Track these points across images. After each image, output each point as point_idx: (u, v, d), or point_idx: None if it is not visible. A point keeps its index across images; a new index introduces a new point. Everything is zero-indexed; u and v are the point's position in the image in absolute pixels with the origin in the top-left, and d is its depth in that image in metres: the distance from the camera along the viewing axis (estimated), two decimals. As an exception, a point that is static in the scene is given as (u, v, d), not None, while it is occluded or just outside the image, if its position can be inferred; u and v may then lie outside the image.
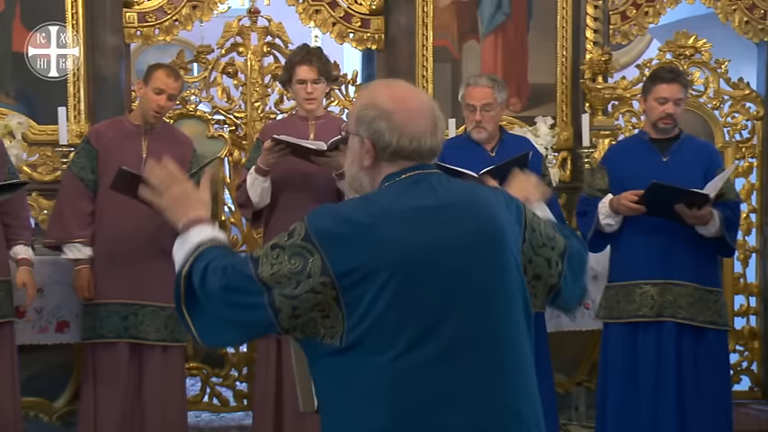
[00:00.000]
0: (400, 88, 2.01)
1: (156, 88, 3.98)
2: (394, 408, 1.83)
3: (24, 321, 4.11)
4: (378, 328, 1.84)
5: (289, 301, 1.85)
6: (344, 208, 1.97)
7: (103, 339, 3.96)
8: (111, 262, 3.96)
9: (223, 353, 5.02)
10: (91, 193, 3.99)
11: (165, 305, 4.00)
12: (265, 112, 5.03)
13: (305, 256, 1.85)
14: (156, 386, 4.00)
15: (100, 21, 4.71)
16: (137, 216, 3.88)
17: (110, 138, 4.01)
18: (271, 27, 5.00)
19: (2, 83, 4.58)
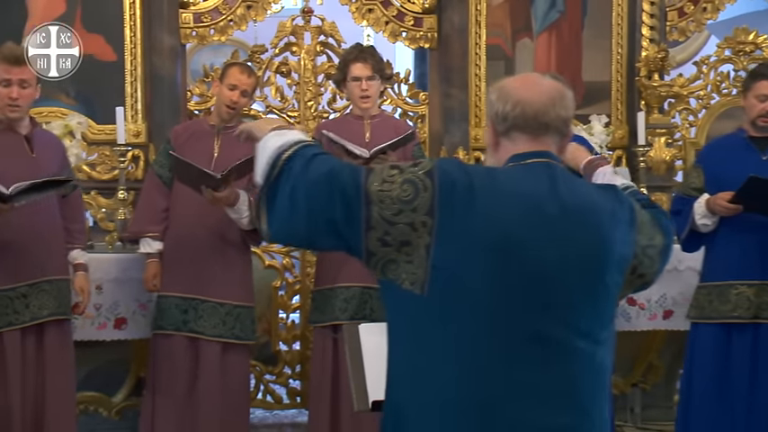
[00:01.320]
0: (525, 75, 2.09)
1: (230, 84, 4.05)
2: (461, 372, 1.81)
3: (83, 318, 4.17)
4: (459, 291, 1.81)
5: (384, 223, 1.82)
6: (472, 167, 1.98)
7: (162, 331, 4.04)
8: (176, 256, 4.04)
9: (276, 350, 5.06)
10: (168, 190, 4.09)
11: (223, 302, 4.07)
12: (318, 111, 5.07)
13: (418, 188, 1.83)
14: (212, 382, 4.04)
15: (157, 22, 4.78)
16: (205, 211, 3.96)
17: (186, 137, 4.11)
18: (324, 26, 5.03)
19: (63, 83, 4.65)
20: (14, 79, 3.67)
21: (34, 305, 3.74)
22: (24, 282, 3.72)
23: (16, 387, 3.70)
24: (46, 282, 3.77)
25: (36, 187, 3.55)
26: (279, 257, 5.11)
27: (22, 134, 3.78)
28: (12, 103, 3.68)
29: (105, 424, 4.52)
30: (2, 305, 3.68)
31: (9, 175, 3.56)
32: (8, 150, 3.73)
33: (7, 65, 3.67)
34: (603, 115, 4.97)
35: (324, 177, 1.86)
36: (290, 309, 5.13)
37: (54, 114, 4.63)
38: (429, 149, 4.94)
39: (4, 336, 3.70)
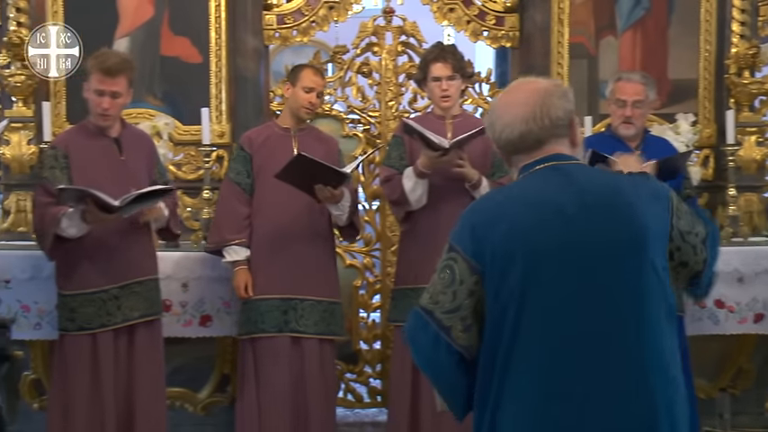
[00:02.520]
0: (513, 84, 2.10)
1: (306, 87, 4.11)
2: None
3: (170, 315, 4.28)
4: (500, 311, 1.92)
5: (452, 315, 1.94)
6: (473, 204, 2.07)
7: (264, 334, 4.07)
8: (270, 259, 4.08)
9: (357, 349, 5.10)
10: (248, 197, 4.12)
11: (321, 299, 4.13)
12: (399, 110, 5.08)
13: (450, 264, 1.95)
14: (315, 378, 4.11)
15: (241, 24, 4.86)
16: (294, 211, 4.03)
17: (261, 142, 4.15)
18: (405, 26, 5.05)
19: (150, 85, 4.78)
20: (107, 90, 3.78)
21: (126, 306, 3.85)
22: (116, 284, 3.83)
23: (109, 385, 3.82)
24: (136, 283, 3.89)
25: (142, 197, 3.66)
26: (360, 257, 5.15)
27: (112, 137, 3.90)
28: (103, 112, 3.80)
29: (191, 419, 4.60)
30: (95, 307, 3.80)
31: (99, 180, 3.68)
32: (98, 155, 3.85)
33: (102, 75, 3.78)
34: (690, 114, 4.86)
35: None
36: (371, 308, 5.17)
37: (142, 115, 4.74)
38: (510, 149, 4.90)
39: (98, 336, 3.82)
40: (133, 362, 3.90)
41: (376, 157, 5.09)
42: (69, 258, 3.80)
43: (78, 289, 3.82)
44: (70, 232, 3.69)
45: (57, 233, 3.69)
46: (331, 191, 3.92)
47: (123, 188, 3.67)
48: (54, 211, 3.69)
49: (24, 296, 4.14)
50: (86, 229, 3.70)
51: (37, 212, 3.82)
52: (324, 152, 4.15)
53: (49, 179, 3.77)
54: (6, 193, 4.56)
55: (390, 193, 4.22)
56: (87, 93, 3.84)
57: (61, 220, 3.67)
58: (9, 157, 4.59)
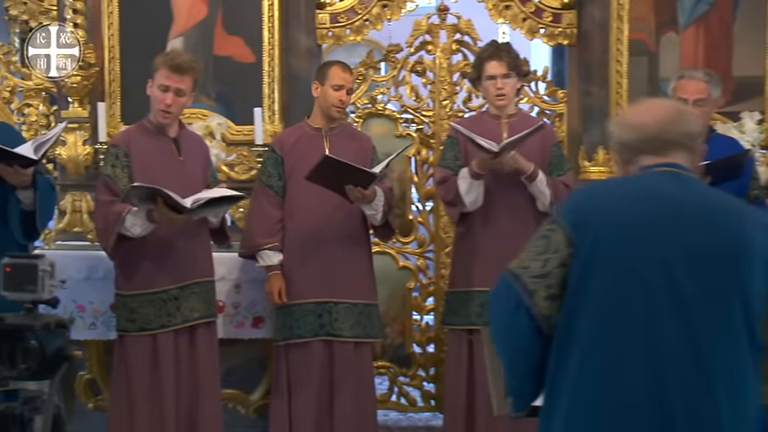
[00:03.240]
0: (646, 100, 2.21)
1: (335, 85, 4.08)
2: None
3: (223, 316, 4.30)
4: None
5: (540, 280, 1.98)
6: (584, 185, 2.24)
7: (301, 339, 4.05)
8: (304, 263, 4.06)
9: (410, 352, 5.08)
10: (280, 200, 4.10)
11: (357, 301, 4.11)
12: (453, 110, 5.05)
13: (547, 234, 2.03)
14: (348, 382, 4.09)
15: (294, 23, 4.86)
16: (326, 213, 4.02)
17: (293, 143, 4.13)
18: (459, 24, 5.01)
19: (204, 85, 4.78)
20: (172, 87, 3.80)
21: (185, 307, 3.88)
22: (176, 284, 3.86)
23: (170, 386, 3.86)
24: (195, 284, 3.91)
25: (213, 201, 3.68)
26: (413, 258, 5.13)
27: (171, 137, 3.94)
28: (165, 109, 3.83)
29: (243, 421, 4.62)
30: (155, 307, 3.83)
31: (159, 179, 3.69)
32: (158, 154, 3.88)
33: (169, 71, 3.81)
34: (756, 112, 4.75)
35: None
36: (424, 310, 5.14)
37: (195, 115, 4.76)
38: (567, 149, 4.84)
39: (158, 337, 3.85)
40: (193, 363, 3.93)
41: (430, 157, 5.06)
42: (129, 258, 3.83)
43: (138, 289, 3.85)
44: (135, 231, 3.72)
45: (120, 232, 3.72)
46: (361, 191, 3.90)
47: (182, 189, 3.68)
48: (118, 209, 3.72)
49: (80, 296, 4.21)
50: (151, 228, 3.72)
51: (99, 211, 3.85)
52: (355, 151, 4.13)
53: (111, 177, 3.81)
54: (62, 194, 4.62)
55: (445, 194, 4.19)
56: (151, 89, 3.88)
57: (125, 219, 3.69)
58: (65, 157, 4.65)
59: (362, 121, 5.04)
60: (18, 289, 2.27)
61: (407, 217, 5.11)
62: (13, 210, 3.66)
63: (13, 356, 2.23)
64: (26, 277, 2.27)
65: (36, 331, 2.22)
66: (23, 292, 2.27)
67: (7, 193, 3.64)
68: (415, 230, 5.12)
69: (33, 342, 2.22)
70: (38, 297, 2.27)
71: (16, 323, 2.23)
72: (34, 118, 4.87)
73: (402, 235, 5.09)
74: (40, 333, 2.22)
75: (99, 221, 3.87)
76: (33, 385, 2.23)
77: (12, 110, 4.88)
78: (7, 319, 2.24)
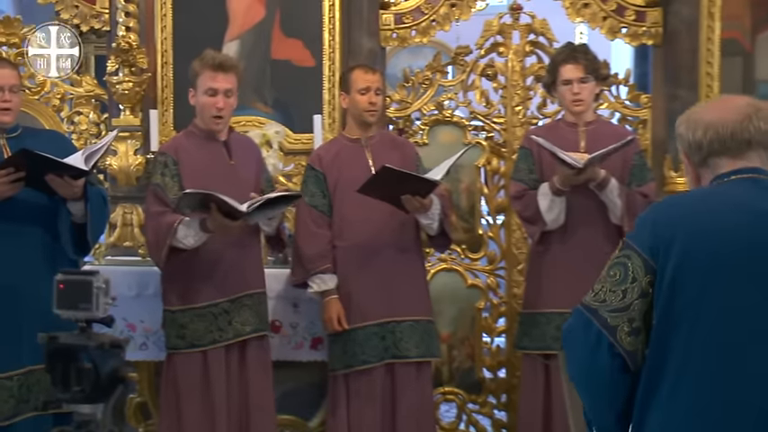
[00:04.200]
0: (715, 97, 2.13)
1: (361, 89, 4.07)
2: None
3: (280, 336, 4.32)
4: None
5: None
6: (655, 203, 2.14)
7: (367, 365, 4.03)
8: (360, 282, 4.05)
9: (480, 377, 5.06)
10: (327, 218, 4.09)
11: (419, 318, 4.11)
12: (527, 117, 5.01)
13: (623, 262, 1.98)
14: (412, 403, 4.09)
15: (356, 24, 4.88)
16: (378, 227, 4.02)
17: (332, 158, 4.13)
18: (534, 24, 4.98)
19: (260, 91, 4.84)
20: (220, 88, 3.86)
21: (237, 321, 3.91)
22: (226, 297, 3.89)
23: (222, 405, 3.88)
24: (247, 296, 3.94)
25: (269, 203, 3.71)
26: (483, 276, 5.10)
27: (221, 141, 3.99)
28: (217, 113, 3.89)
29: (300, 449, 4.63)
30: (206, 322, 3.87)
31: (211, 186, 3.72)
32: (208, 160, 3.92)
33: (213, 72, 3.86)
34: None
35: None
36: (495, 332, 5.10)
37: (251, 123, 4.80)
38: (652, 158, 4.77)
39: (209, 353, 3.89)
40: (245, 380, 3.96)
41: (501, 168, 5.05)
42: (176, 272, 3.87)
43: (187, 304, 3.89)
44: (188, 242, 3.76)
45: (173, 244, 3.77)
46: (420, 201, 3.89)
47: (235, 194, 3.70)
48: (169, 219, 3.76)
49: (130, 315, 4.26)
50: (205, 238, 3.76)
51: (149, 223, 3.91)
52: (399, 159, 4.12)
53: (161, 186, 3.86)
54: (113, 206, 4.69)
55: (522, 210, 4.18)
56: (194, 98, 3.93)
57: (177, 230, 3.74)
58: (116, 168, 4.72)
59: (428, 129, 5.04)
60: (72, 307, 2.31)
61: (477, 231, 5.09)
62: (64, 223, 3.74)
63: (67, 378, 2.27)
64: (80, 295, 2.31)
65: (90, 352, 2.26)
66: (77, 311, 2.31)
67: (58, 206, 3.72)
68: (485, 246, 5.10)
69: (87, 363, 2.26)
70: (92, 315, 2.31)
71: (70, 343, 2.28)
72: (84, 126, 4.98)
73: (471, 251, 5.07)
74: (94, 353, 2.26)
75: (150, 234, 3.91)
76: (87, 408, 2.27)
77: (62, 118, 4.99)
78: (60, 339, 2.29)
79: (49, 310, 3.00)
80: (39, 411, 3.64)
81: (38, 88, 4.99)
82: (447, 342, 5.01)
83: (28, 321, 3.61)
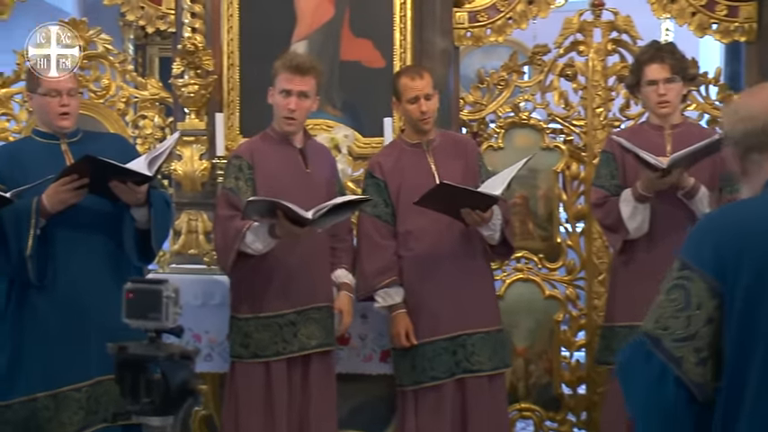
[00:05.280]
0: (760, 84, 2.06)
1: (410, 98, 4.06)
2: None
3: (348, 348, 4.35)
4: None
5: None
6: (712, 215, 2.07)
7: (436, 382, 4.03)
8: (428, 294, 4.05)
9: (558, 393, 5.03)
10: (391, 227, 4.10)
11: (490, 329, 4.11)
12: (608, 119, 4.98)
13: (683, 284, 1.89)
14: (483, 418, 4.08)
15: (428, 23, 4.89)
16: (444, 235, 4.02)
17: (392, 164, 4.13)
18: (616, 21, 4.95)
19: (329, 93, 4.87)
20: (294, 90, 3.91)
21: (302, 334, 3.94)
22: (293, 308, 3.93)
23: (282, 420, 3.92)
24: (314, 309, 3.98)
25: (335, 209, 3.74)
26: (561, 287, 5.08)
27: (297, 147, 4.05)
28: (289, 114, 3.95)
29: (371, 468, 4.63)
30: (271, 333, 3.91)
31: (285, 192, 3.78)
32: (283, 165, 3.97)
33: (289, 74, 3.92)
34: None
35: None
36: (575, 346, 5.08)
37: (320, 126, 4.85)
38: (744, 162, 4.71)
39: (271, 365, 3.93)
40: (307, 394, 3.99)
41: (581, 173, 5.02)
42: (246, 279, 3.93)
43: (253, 312, 3.94)
44: (256, 248, 3.81)
45: (240, 249, 3.83)
46: (480, 215, 3.89)
47: (309, 201, 3.74)
48: (238, 224, 3.81)
49: (195, 324, 4.32)
50: (273, 244, 3.80)
51: (218, 227, 3.96)
52: (463, 163, 4.14)
53: (233, 190, 3.91)
54: (177, 212, 4.75)
55: (603, 217, 4.15)
56: (272, 97, 3.99)
57: (246, 235, 3.80)
58: (181, 173, 4.79)
59: (504, 132, 5.04)
60: (141, 316, 2.36)
61: (555, 240, 5.07)
62: (128, 229, 3.82)
63: (136, 389, 2.32)
64: (149, 304, 2.36)
65: (160, 362, 2.31)
66: (146, 320, 2.36)
67: (122, 212, 3.81)
68: (563, 255, 5.08)
69: (157, 374, 2.32)
70: (162, 325, 2.36)
71: (140, 353, 2.33)
72: (149, 130, 5.08)
73: (549, 260, 5.05)
74: (164, 364, 2.31)
75: (218, 238, 3.97)
76: (157, 421, 2.32)
77: (126, 122, 5.09)
78: (130, 349, 2.34)
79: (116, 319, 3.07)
80: (108, 423, 3.73)
81: (103, 92, 5.09)
82: (523, 356, 5.00)
83: (95, 331, 3.71)
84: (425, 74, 4.12)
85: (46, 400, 3.74)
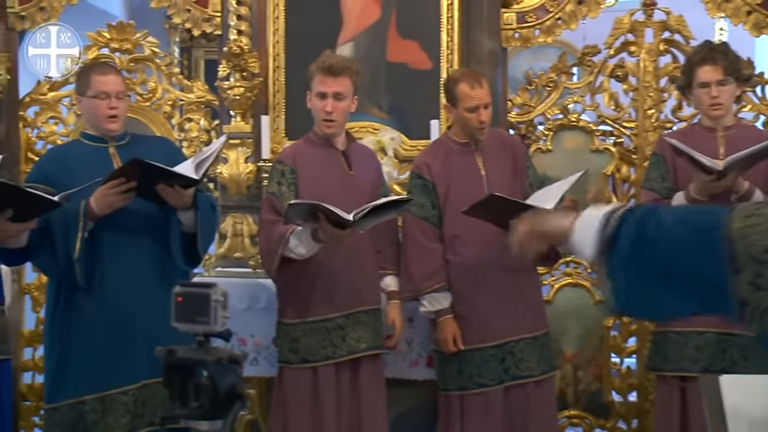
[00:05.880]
0: None
1: (469, 107, 4.05)
2: None
3: (395, 353, 4.35)
4: None
5: (754, 263, 1.76)
6: None
7: (483, 389, 4.05)
8: (475, 299, 4.06)
9: (609, 401, 5.01)
10: (438, 230, 4.10)
11: (537, 334, 4.11)
12: (660, 120, 4.94)
13: None
14: (533, 424, 4.08)
15: (476, 24, 4.88)
16: (490, 238, 3.98)
17: (440, 164, 4.13)
18: (669, 21, 4.91)
19: (375, 95, 4.89)
20: (329, 92, 3.94)
21: (351, 338, 3.97)
22: (340, 312, 3.96)
23: (331, 423, 3.95)
24: (362, 312, 4.00)
25: (376, 210, 3.75)
26: (611, 292, 5.05)
27: (340, 150, 4.07)
28: (327, 117, 3.97)
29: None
30: (319, 337, 3.94)
31: (328, 196, 3.81)
32: (326, 169, 4.00)
33: (323, 76, 3.95)
34: None
35: (679, 229, 1.85)
36: (625, 352, 5.04)
37: (365, 129, 4.87)
38: (801, 165, 4.65)
39: (319, 370, 3.96)
40: (356, 398, 4.01)
41: (631, 176, 4.99)
42: (292, 284, 3.97)
43: (300, 317, 3.97)
44: (299, 252, 3.85)
45: (284, 254, 3.87)
46: None
47: (353, 204, 3.77)
48: (282, 229, 3.85)
49: (241, 328, 4.35)
50: (317, 248, 3.83)
51: (263, 232, 4.01)
52: (511, 164, 4.15)
53: (277, 195, 3.95)
54: (222, 216, 4.80)
55: None
56: (310, 101, 4.02)
57: (289, 240, 3.83)
58: (226, 176, 4.84)
59: (552, 135, 5.03)
60: (190, 320, 2.38)
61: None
62: (174, 233, 3.87)
63: (185, 393, 2.35)
64: (198, 308, 2.38)
65: (209, 366, 2.34)
66: (195, 324, 2.38)
67: (168, 216, 3.86)
68: (564, 253, 5.05)
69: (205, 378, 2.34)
70: (210, 329, 2.37)
71: (188, 357, 2.35)
72: (195, 133, 5.13)
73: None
74: (212, 369, 2.33)
75: (262, 243, 4.01)
76: (205, 425, 2.34)
77: (172, 125, 5.15)
78: (179, 353, 2.37)
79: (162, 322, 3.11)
80: (154, 427, 3.80)
81: (149, 95, 5.16)
82: (572, 362, 4.98)
83: (141, 334, 3.76)
84: (484, 82, 4.12)
85: (93, 403, 3.80)
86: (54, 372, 3.89)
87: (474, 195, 3.90)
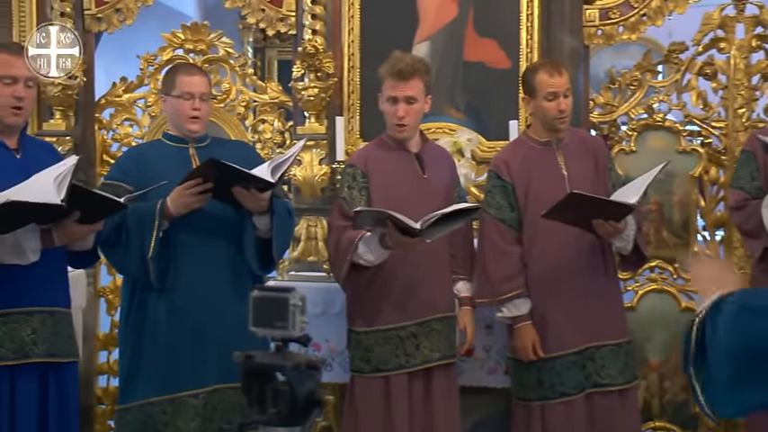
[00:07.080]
0: None
1: (548, 94, 4.01)
2: None
3: (472, 360, 4.35)
4: None
5: None
6: None
7: (566, 398, 4.01)
8: (555, 304, 4.02)
9: (697, 412, 4.92)
10: (516, 233, 4.06)
11: (620, 341, 4.07)
12: (751, 120, 4.84)
13: None
14: None
15: (556, 21, 4.86)
16: (573, 242, 3.98)
17: (519, 164, 4.09)
18: (762, 16, 4.82)
19: (452, 96, 4.90)
20: (400, 96, 3.93)
21: (425, 346, 3.96)
22: (413, 320, 3.95)
23: (404, 431, 3.94)
24: (436, 320, 3.99)
25: (445, 218, 3.73)
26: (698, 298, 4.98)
27: (413, 152, 4.07)
28: (399, 122, 3.96)
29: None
30: (391, 346, 3.94)
31: (400, 200, 3.82)
32: (399, 172, 4.00)
33: (393, 80, 3.94)
34: None
35: None
36: (713, 362, 4.97)
37: (442, 130, 4.88)
38: None
39: (391, 379, 3.95)
40: (429, 408, 4.00)
41: (720, 177, 4.90)
42: (362, 291, 3.97)
43: (372, 326, 3.97)
44: (368, 258, 3.85)
45: (353, 260, 3.87)
46: (614, 225, 3.82)
47: (426, 208, 3.76)
48: (351, 235, 3.86)
49: (315, 333, 4.29)
50: (386, 255, 3.84)
51: (332, 237, 4.02)
52: (593, 164, 4.09)
53: (347, 200, 3.96)
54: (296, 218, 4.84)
55: (743, 222, 4.05)
56: (382, 104, 4.03)
57: (358, 246, 3.84)
58: (300, 178, 4.88)
59: (637, 135, 4.96)
60: (268, 325, 2.40)
61: (692, 249, 4.96)
62: (249, 237, 3.90)
63: (263, 399, 2.36)
64: (276, 312, 2.40)
65: (287, 372, 2.35)
66: (273, 329, 2.40)
67: (243, 219, 3.89)
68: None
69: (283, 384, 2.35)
70: (288, 334, 2.39)
71: (266, 362, 2.36)
72: (269, 135, 5.17)
73: (686, 270, 4.95)
74: (290, 374, 2.34)
75: (331, 249, 4.03)
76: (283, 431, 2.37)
77: (246, 126, 5.20)
78: (257, 358, 2.39)
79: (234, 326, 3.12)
80: None
81: (223, 96, 5.21)
82: (658, 371, 4.90)
83: (212, 336, 3.82)
84: (564, 70, 4.09)
85: (163, 405, 3.85)
86: (126, 373, 3.96)
87: (555, 196, 3.85)
